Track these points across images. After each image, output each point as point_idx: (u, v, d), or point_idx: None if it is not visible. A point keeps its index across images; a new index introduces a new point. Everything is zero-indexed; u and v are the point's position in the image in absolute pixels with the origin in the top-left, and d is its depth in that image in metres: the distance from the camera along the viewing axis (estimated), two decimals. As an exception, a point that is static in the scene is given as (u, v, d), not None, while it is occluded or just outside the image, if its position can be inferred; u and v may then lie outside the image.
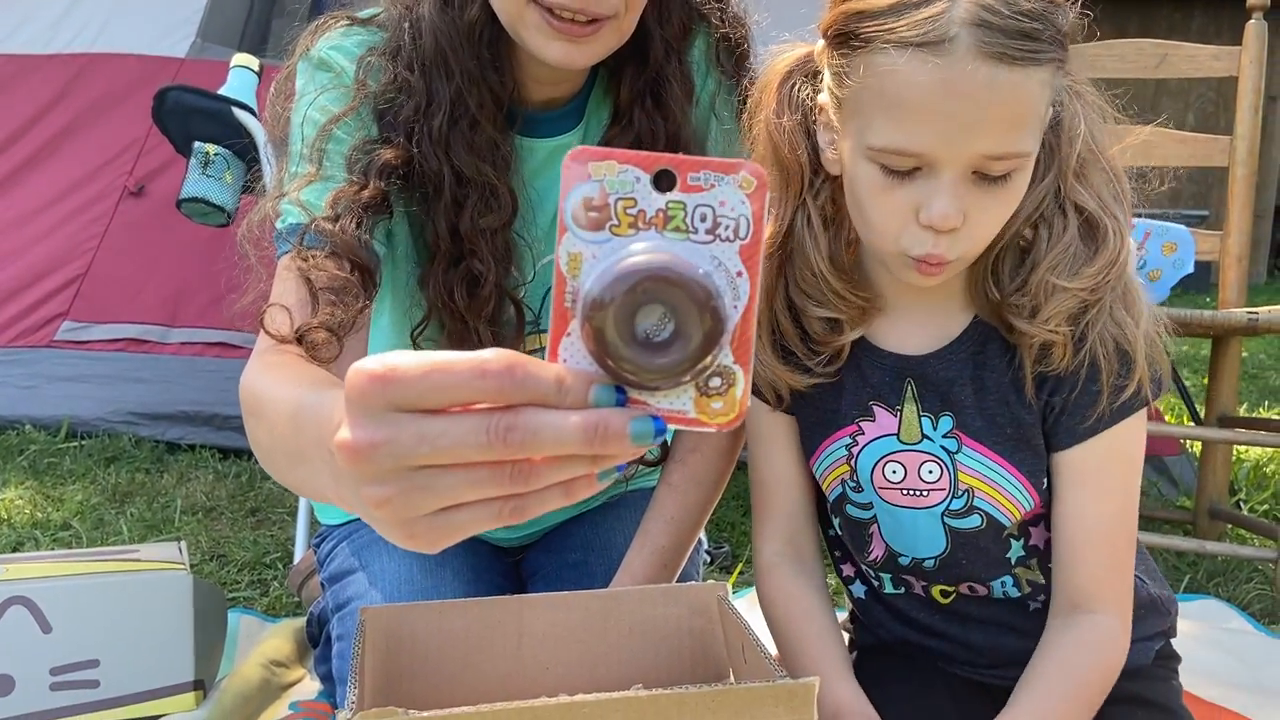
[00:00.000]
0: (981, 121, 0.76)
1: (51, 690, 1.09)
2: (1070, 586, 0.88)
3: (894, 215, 0.80)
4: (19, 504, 1.96)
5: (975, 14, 0.74)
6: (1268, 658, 1.44)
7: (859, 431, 0.92)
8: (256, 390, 0.78)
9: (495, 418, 0.46)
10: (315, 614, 1.29)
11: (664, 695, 0.67)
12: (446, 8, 0.94)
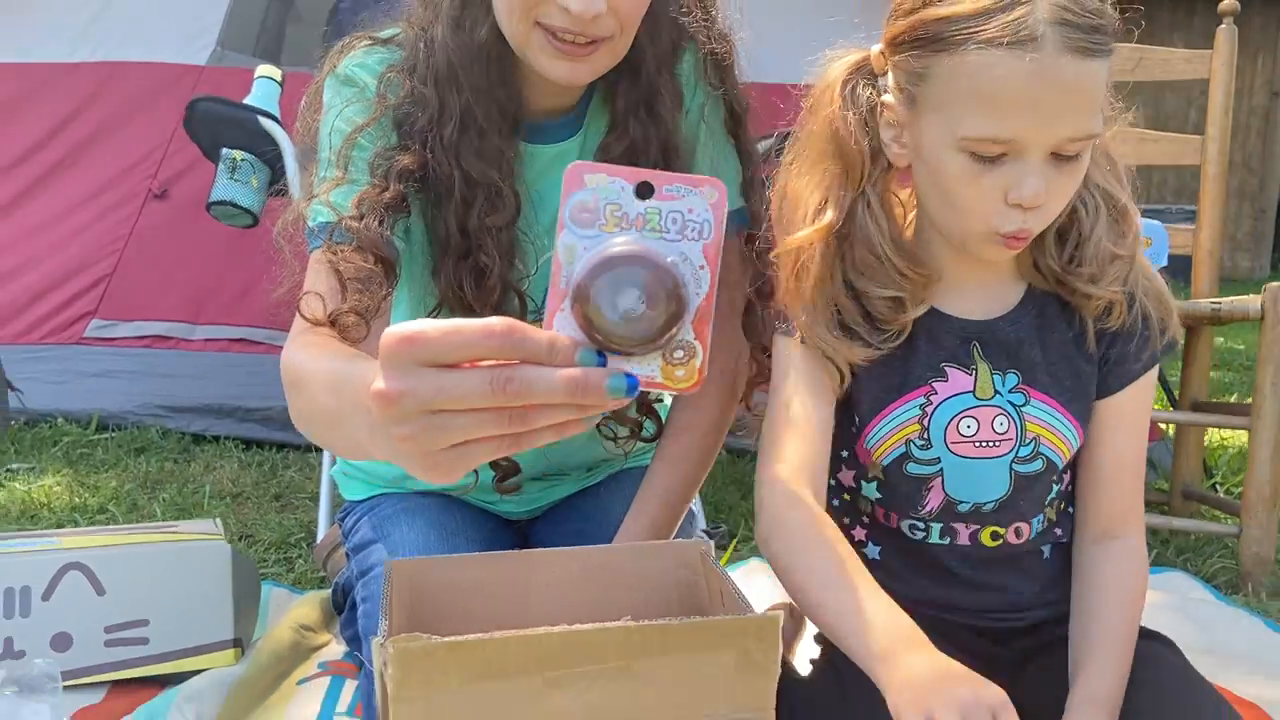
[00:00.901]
0: (1066, 109, 0.87)
1: (105, 646, 1.21)
2: (1104, 515, 1.02)
3: (984, 197, 0.90)
4: (57, 490, 2.08)
5: (1057, 14, 0.85)
6: (1225, 625, 1.54)
7: (932, 391, 1.00)
8: (297, 366, 0.89)
9: (498, 372, 0.57)
10: (340, 584, 1.40)
11: (649, 625, 0.78)
12: (458, 30, 1.05)
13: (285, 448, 2.47)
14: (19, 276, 2.76)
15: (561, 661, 0.77)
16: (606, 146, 1.13)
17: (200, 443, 2.50)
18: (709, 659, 0.79)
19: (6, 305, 2.66)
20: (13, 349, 2.57)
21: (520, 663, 0.76)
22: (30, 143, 2.93)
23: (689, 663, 0.79)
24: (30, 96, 2.96)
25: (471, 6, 1.04)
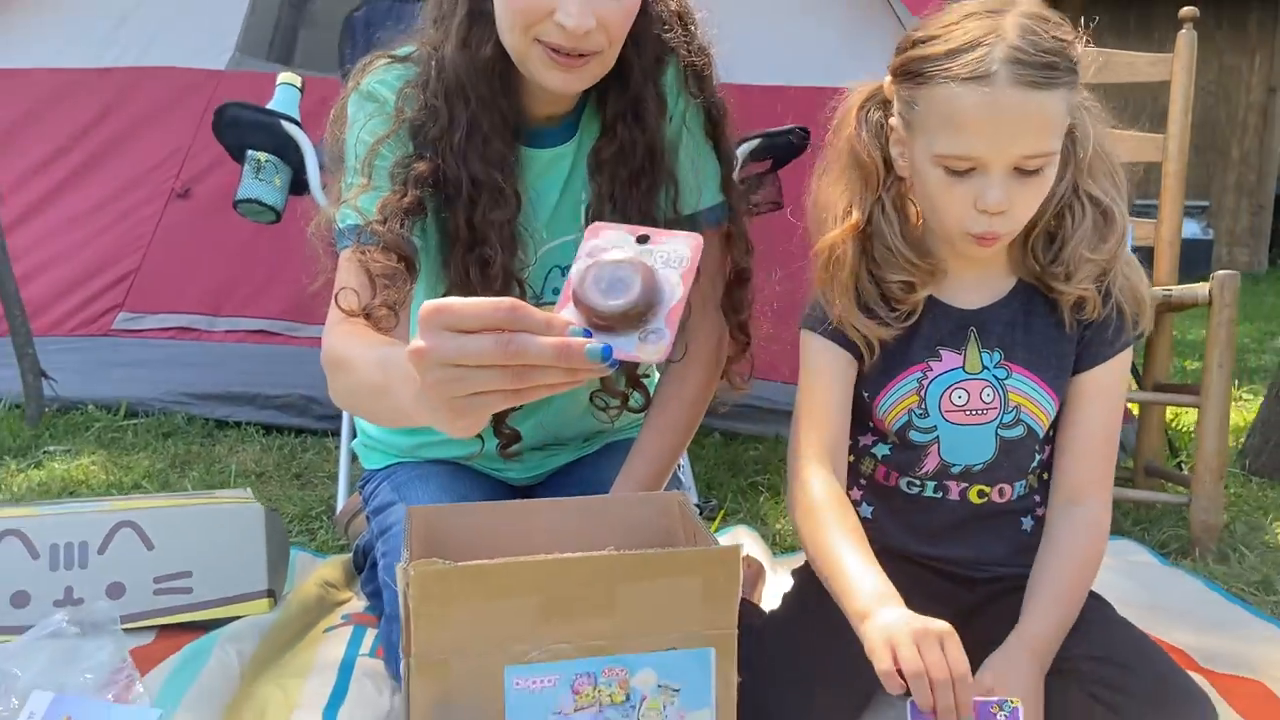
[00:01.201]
0: (1020, 132, 1.05)
1: (154, 594, 1.35)
2: (1071, 483, 1.18)
3: (957, 204, 1.09)
4: (94, 469, 2.22)
5: (1011, 54, 1.03)
6: (1165, 584, 1.68)
7: (928, 369, 1.18)
8: (341, 350, 1.06)
9: (504, 336, 0.72)
10: (360, 546, 1.55)
11: (629, 555, 0.92)
12: (465, 48, 1.19)
13: (303, 432, 2.60)
14: (50, 271, 2.88)
15: (555, 585, 0.91)
16: (598, 150, 1.27)
17: (223, 428, 2.63)
18: (679, 584, 0.93)
19: (39, 298, 2.78)
20: (46, 340, 2.69)
21: (520, 585, 0.91)
22: (60, 143, 3.05)
23: (663, 587, 0.93)
24: (60, 100, 3.08)
25: (478, 28, 1.18)
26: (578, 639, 0.92)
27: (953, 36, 1.07)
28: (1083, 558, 1.15)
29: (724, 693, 0.96)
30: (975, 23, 1.07)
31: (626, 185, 1.24)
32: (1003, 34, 1.04)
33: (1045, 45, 1.04)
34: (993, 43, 1.04)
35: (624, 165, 1.24)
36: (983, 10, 1.08)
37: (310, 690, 1.24)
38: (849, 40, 2.89)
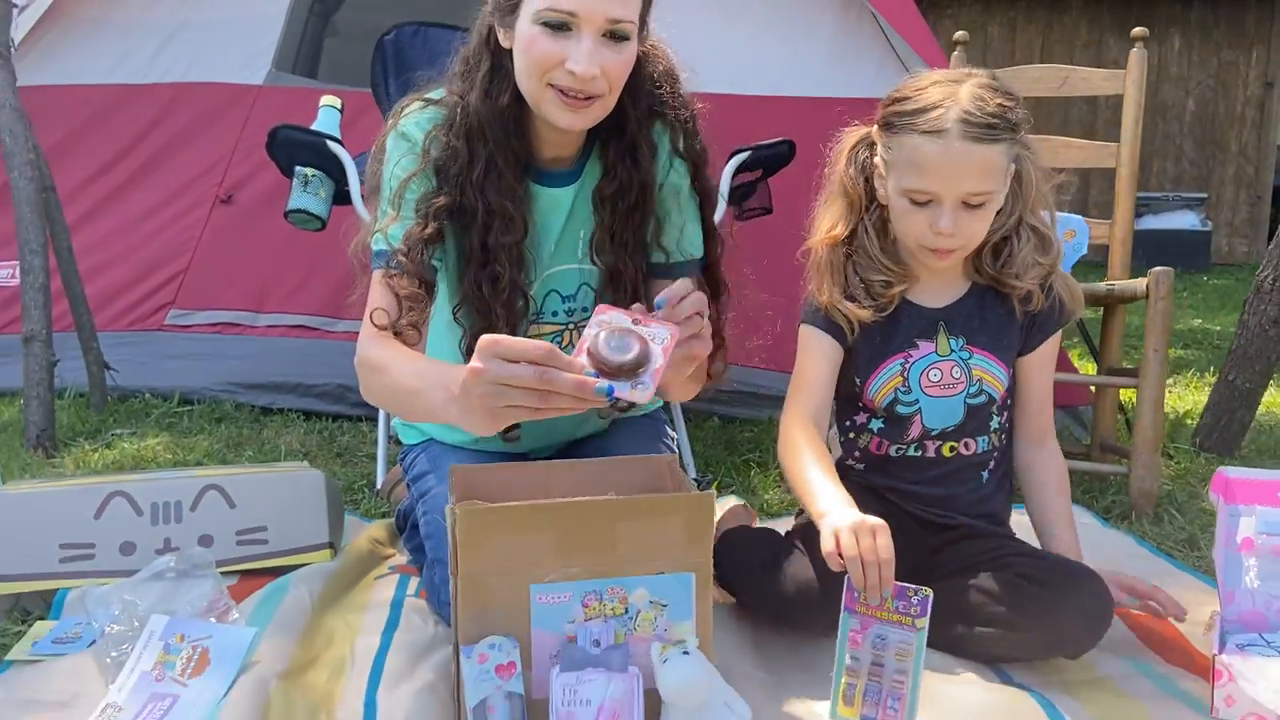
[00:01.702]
0: (965, 176, 1.37)
1: (236, 544, 1.62)
2: (1036, 430, 1.58)
3: (917, 226, 1.42)
4: (158, 449, 2.49)
5: (961, 114, 1.35)
6: (1103, 543, 1.92)
7: (908, 356, 1.51)
8: (377, 359, 1.34)
9: (540, 369, 1.01)
10: (402, 510, 1.81)
11: (625, 499, 1.18)
12: (487, 97, 1.43)
13: (340, 418, 2.85)
14: (107, 272, 3.13)
15: (568, 523, 1.16)
16: (600, 188, 1.51)
17: (268, 414, 2.87)
18: (666, 522, 1.19)
19: (97, 297, 3.01)
20: (104, 335, 2.94)
21: (540, 522, 1.16)
22: (114, 153, 3.30)
23: (653, 525, 1.18)
24: (113, 113, 3.33)
25: (498, 79, 1.43)
26: (586, 565, 1.17)
27: (920, 98, 1.38)
28: (1063, 481, 1.58)
29: (702, 608, 1.21)
30: (938, 89, 1.38)
31: (624, 217, 1.49)
32: (957, 99, 1.36)
33: (989, 110, 1.36)
34: (949, 105, 1.36)
35: (622, 200, 1.49)
36: (945, 79, 1.40)
37: (369, 620, 1.51)
38: (837, 54, 3.11)
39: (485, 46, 1.45)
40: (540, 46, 1.35)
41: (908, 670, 1.21)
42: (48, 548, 1.54)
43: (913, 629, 1.20)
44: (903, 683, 1.21)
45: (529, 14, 1.35)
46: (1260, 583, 1.42)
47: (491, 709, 1.13)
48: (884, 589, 1.20)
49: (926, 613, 1.20)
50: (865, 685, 1.23)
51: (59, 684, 1.29)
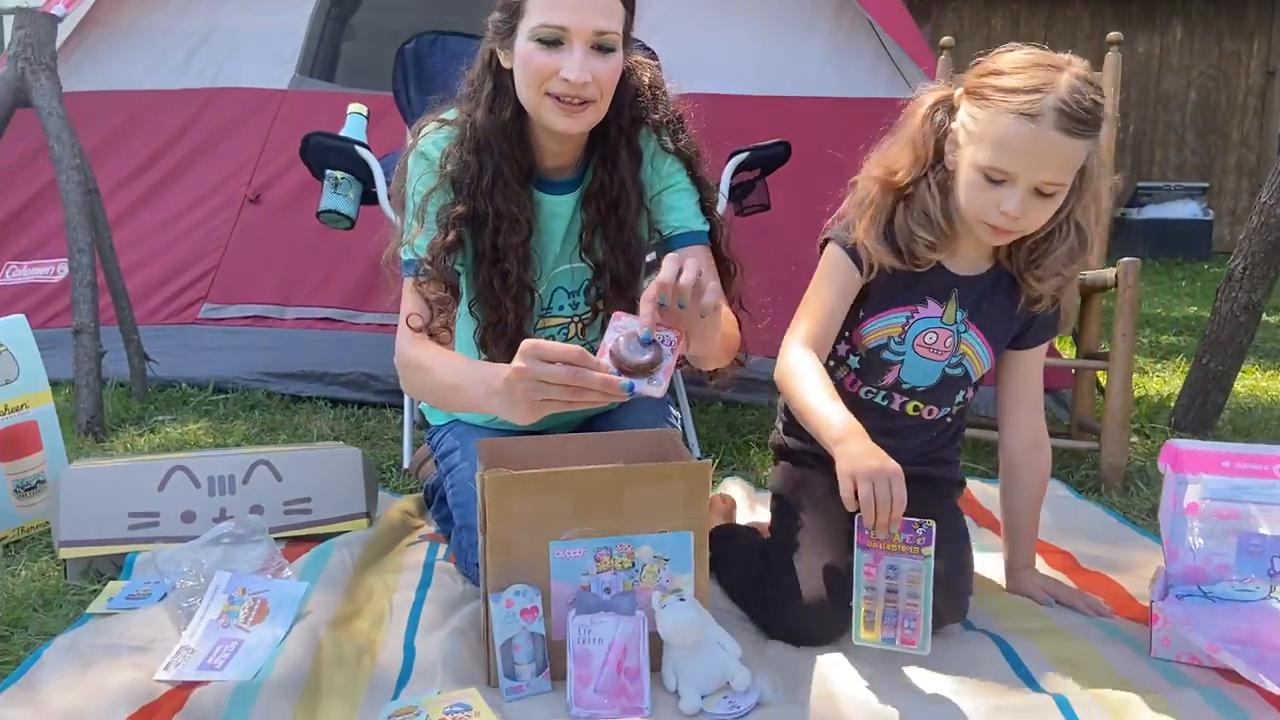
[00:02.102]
0: (1047, 165, 1.37)
1: (284, 514, 1.80)
2: (1033, 431, 1.64)
3: (985, 203, 1.41)
4: (199, 434, 2.67)
5: (1058, 103, 1.33)
6: (1073, 512, 2.09)
7: (914, 311, 1.56)
8: (419, 358, 1.52)
9: (573, 369, 1.19)
10: (430, 485, 1.98)
11: (631, 466, 1.35)
12: (491, 113, 1.59)
13: (365, 405, 3.02)
14: (143, 269, 3.29)
15: (582, 488, 1.34)
16: (587, 190, 1.69)
17: (298, 401, 3.04)
18: (668, 487, 1.36)
19: (135, 291, 3.15)
20: (143, 328, 3.10)
21: (558, 487, 1.33)
22: (147, 157, 3.48)
23: (656, 490, 1.35)
24: (144, 118, 3.50)
25: (500, 97, 1.60)
26: (599, 524, 1.34)
27: (1019, 77, 1.36)
28: (1042, 491, 1.68)
29: (698, 562, 1.38)
30: (1038, 71, 1.36)
31: (606, 213, 1.66)
32: (1056, 87, 1.34)
33: (1085, 104, 1.34)
34: (1047, 91, 1.33)
35: (604, 199, 1.66)
36: (1045, 63, 1.38)
37: (404, 580, 1.69)
38: (833, 55, 3.27)
39: (488, 69, 1.62)
40: (537, 60, 1.51)
41: (919, 594, 1.35)
42: (118, 516, 1.73)
43: (920, 557, 1.35)
44: (916, 605, 1.35)
45: (525, 33, 1.52)
46: (1202, 542, 1.57)
47: (517, 647, 1.31)
48: (892, 527, 1.31)
49: (931, 542, 1.34)
50: (883, 610, 1.37)
51: (137, 631, 1.48)
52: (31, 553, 1.84)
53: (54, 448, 1.97)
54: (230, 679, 1.33)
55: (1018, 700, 1.30)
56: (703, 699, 1.30)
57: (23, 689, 1.34)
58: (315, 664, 1.37)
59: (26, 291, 3.35)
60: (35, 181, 3.44)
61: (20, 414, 1.91)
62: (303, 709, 1.28)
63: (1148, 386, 3.42)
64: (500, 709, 1.27)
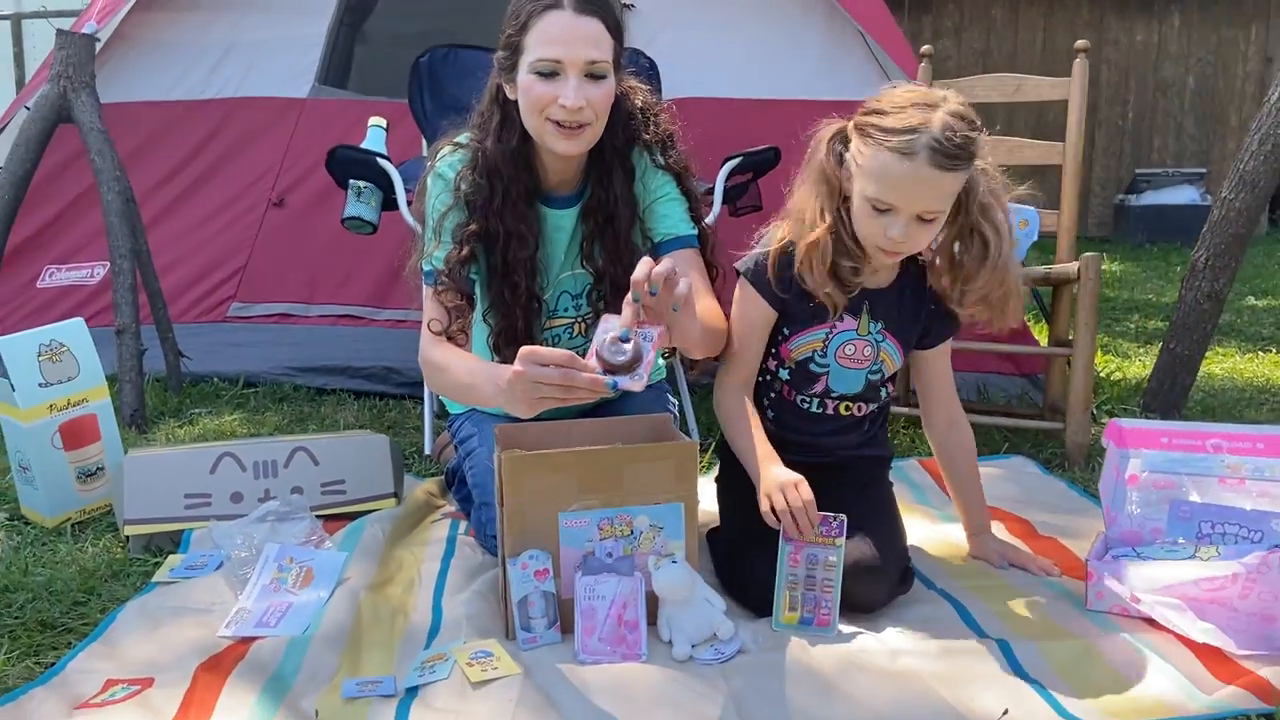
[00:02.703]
0: (924, 196, 1.53)
1: (321, 495, 2.01)
2: (948, 413, 1.86)
3: (874, 230, 1.59)
4: (234, 425, 2.87)
5: (931, 142, 1.48)
6: (1039, 486, 2.28)
7: (833, 328, 1.73)
8: (439, 359, 1.72)
9: (564, 370, 1.37)
10: (450, 468, 2.19)
11: (629, 446, 1.55)
12: (499, 141, 1.78)
13: (386, 397, 3.20)
14: (175, 270, 3.47)
15: (586, 466, 1.53)
16: (586, 204, 1.88)
17: (323, 394, 3.21)
18: (661, 465, 1.55)
19: (167, 292, 3.30)
20: (176, 326, 3.30)
21: (565, 466, 1.53)
22: (175, 164, 3.65)
23: (651, 467, 1.55)
24: (174, 127, 3.67)
25: (507, 127, 1.78)
26: (601, 498, 1.54)
27: (897, 118, 1.51)
28: (971, 463, 1.86)
29: (689, 530, 1.58)
30: (914, 111, 1.50)
31: (604, 225, 1.85)
32: (930, 126, 1.48)
33: (957, 140, 1.48)
34: (922, 130, 1.48)
35: (602, 212, 1.85)
36: (922, 102, 1.51)
37: (430, 551, 1.89)
38: (825, 61, 3.44)
39: (495, 101, 1.81)
40: (537, 90, 1.71)
41: (834, 579, 1.57)
42: (175, 498, 1.94)
43: (834, 547, 1.56)
44: (830, 589, 1.57)
45: (525, 67, 1.71)
46: (1139, 509, 1.77)
47: (531, 604, 1.51)
48: (813, 527, 1.54)
49: (843, 533, 1.56)
50: (803, 595, 1.58)
51: (199, 596, 1.69)
52: (96, 531, 2.05)
53: (111, 437, 2.17)
54: (283, 634, 1.53)
55: (965, 645, 1.50)
56: (693, 647, 1.50)
57: (103, 644, 1.55)
58: (356, 622, 1.58)
59: (66, 294, 3.55)
60: (71, 190, 3.63)
61: (81, 407, 2.12)
62: (347, 658, 1.48)
63: (1128, 370, 3.60)
64: (518, 656, 1.47)
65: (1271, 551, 1.50)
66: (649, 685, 1.40)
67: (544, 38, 1.69)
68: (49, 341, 2.08)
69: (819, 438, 1.82)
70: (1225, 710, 1.32)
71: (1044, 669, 1.44)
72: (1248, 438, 1.76)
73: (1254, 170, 2.68)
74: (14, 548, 1.95)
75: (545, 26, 1.69)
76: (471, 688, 1.38)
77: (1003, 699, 1.35)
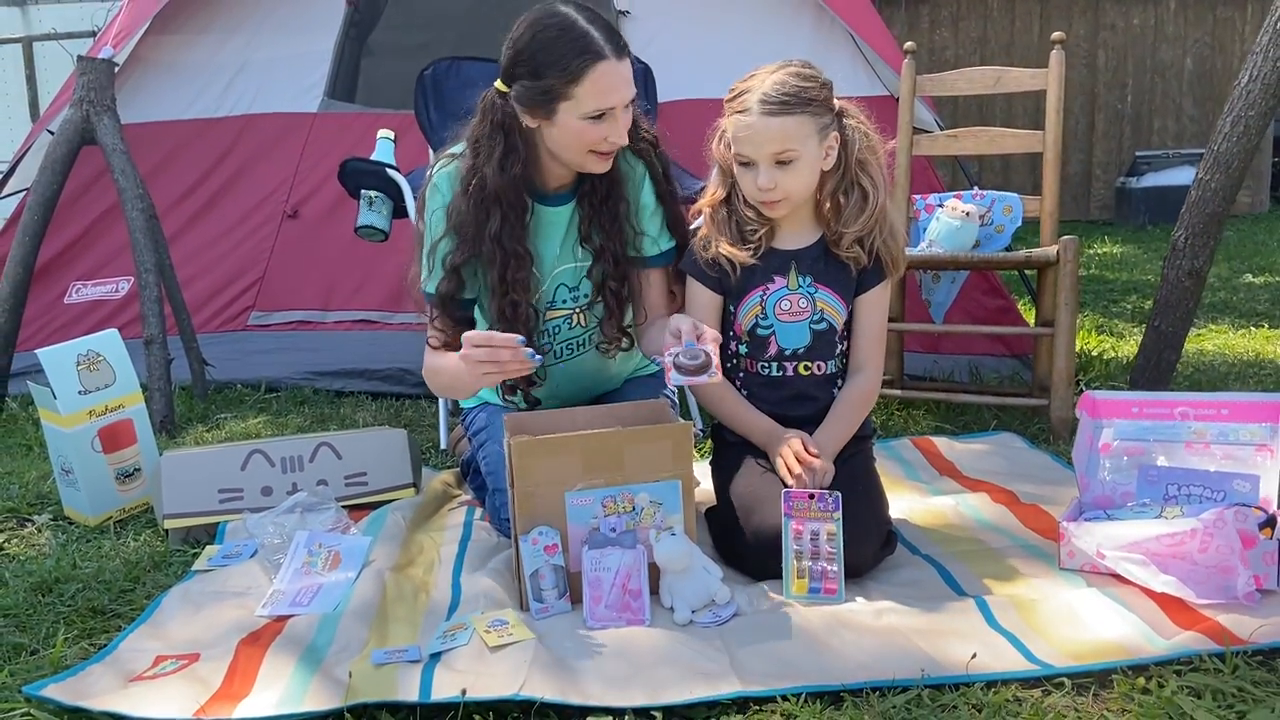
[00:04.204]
0: (768, 141, 1.76)
1: (345, 486, 2.14)
2: (856, 360, 1.93)
3: (749, 185, 1.81)
4: (259, 427, 3.01)
5: (760, 96, 1.75)
6: (1025, 459, 2.40)
7: (766, 289, 1.89)
8: (437, 365, 1.91)
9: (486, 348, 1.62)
10: (465, 460, 2.32)
11: (630, 429, 1.67)
12: (502, 170, 1.88)
13: (402, 397, 3.33)
14: (196, 282, 3.61)
15: (590, 448, 1.66)
16: (582, 190, 2.00)
17: (341, 396, 3.34)
18: (658, 446, 1.68)
19: (190, 303, 3.48)
20: (199, 336, 3.45)
21: (571, 449, 1.66)
22: (192, 181, 3.79)
23: (649, 448, 1.68)
24: (190, 144, 3.81)
25: (511, 156, 1.89)
26: (604, 477, 1.67)
27: (738, 88, 1.79)
28: (857, 400, 1.92)
29: (686, 504, 1.70)
30: (753, 80, 1.78)
31: (599, 207, 1.97)
32: (761, 85, 1.76)
33: (786, 90, 1.74)
34: (754, 89, 1.76)
35: (596, 195, 1.97)
36: (764, 71, 1.78)
37: (448, 536, 2.03)
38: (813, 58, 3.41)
39: (500, 129, 1.89)
40: (590, 133, 1.83)
41: (836, 549, 1.69)
42: (209, 493, 2.07)
43: (832, 520, 1.68)
44: (833, 557, 1.69)
45: (574, 112, 1.81)
46: (1111, 475, 1.89)
47: (542, 576, 1.64)
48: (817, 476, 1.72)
49: (839, 508, 1.67)
50: (809, 566, 1.70)
51: (236, 581, 1.82)
52: (135, 528, 2.19)
53: (146, 441, 2.31)
54: (316, 612, 1.67)
55: (945, 604, 1.62)
56: (693, 612, 1.63)
57: (151, 627, 1.68)
58: (382, 599, 1.71)
59: (93, 308, 3.70)
60: (94, 209, 3.78)
61: (119, 413, 2.26)
62: (375, 631, 1.62)
63: (1120, 349, 3.70)
64: (531, 624, 1.60)
65: (1227, 508, 1.61)
66: (653, 646, 1.52)
67: (598, 89, 1.79)
68: (86, 351, 2.22)
69: (789, 407, 1.92)
70: (1180, 652, 1.44)
71: (1016, 622, 1.56)
72: (1213, 404, 1.87)
73: (1227, 151, 2.78)
74: (61, 544, 2.09)
75: (598, 79, 1.79)
76: (489, 651, 1.51)
77: (976, 649, 1.47)
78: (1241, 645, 1.44)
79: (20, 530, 2.21)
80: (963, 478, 2.28)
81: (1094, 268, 5.80)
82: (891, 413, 2.89)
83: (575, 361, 2.12)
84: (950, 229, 2.77)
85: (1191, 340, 3.69)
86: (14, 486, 2.45)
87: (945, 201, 2.85)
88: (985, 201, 2.87)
